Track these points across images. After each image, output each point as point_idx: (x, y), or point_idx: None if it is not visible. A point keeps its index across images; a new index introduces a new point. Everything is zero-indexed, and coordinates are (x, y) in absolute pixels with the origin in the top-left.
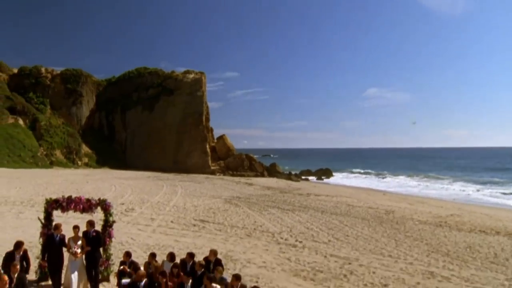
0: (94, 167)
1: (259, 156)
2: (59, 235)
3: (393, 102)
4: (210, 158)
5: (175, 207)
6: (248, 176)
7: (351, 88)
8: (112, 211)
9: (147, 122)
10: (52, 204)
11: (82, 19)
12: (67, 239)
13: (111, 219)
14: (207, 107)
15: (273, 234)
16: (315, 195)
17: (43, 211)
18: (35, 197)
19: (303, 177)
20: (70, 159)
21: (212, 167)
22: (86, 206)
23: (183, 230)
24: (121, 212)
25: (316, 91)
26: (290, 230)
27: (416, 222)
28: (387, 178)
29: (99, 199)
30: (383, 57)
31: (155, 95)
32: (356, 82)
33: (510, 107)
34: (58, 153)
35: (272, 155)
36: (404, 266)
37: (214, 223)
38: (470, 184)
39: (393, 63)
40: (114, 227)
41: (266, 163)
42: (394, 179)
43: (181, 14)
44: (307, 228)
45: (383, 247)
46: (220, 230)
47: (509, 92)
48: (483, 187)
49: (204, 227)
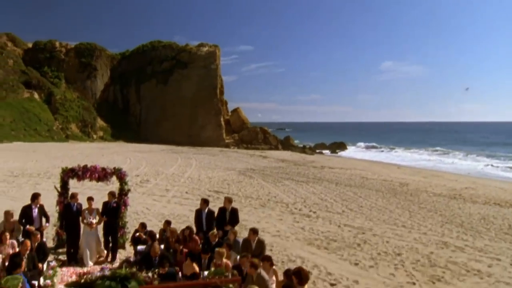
0: (109, 141)
1: (273, 129)
2: (76, 204)
3: (408, 76)
4: (224, 131)
5: (189, 179)
6: (262, 149)
7: (366, 62)
8: (127, 180)
9: (162, 96)
10: (68, 173)
11: None
12: (82, 209)
13: (126, 188)
14: (221, 80)
15: (287, 205)
16: (329, 167)
17: (59, 180)
18: (51, 169)
19: (317, 150)
20: (85, 133)
21: (226, 140)
22: (102, 175)
23: (197, 201)
24: (136, 184)
25: (331, 65)
26: (304, 201)
27: (430, 194)
28: (402, 152)
29: (114, 168)
30: (398, 30)
31: (169, 69)
32: (371, 55)
33: None
34: (73, 126)
35: (286, 129)
36: (418, 236)
37: (228, 194)
38: (484, 158)
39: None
40: (129, 197)
41: (280, 137)
42: (408, 153)
43: None
44: (321, 199)
45: (397, 218)
46: (234, 201)
47: None
48: (497, 161)
49: (218, 198)
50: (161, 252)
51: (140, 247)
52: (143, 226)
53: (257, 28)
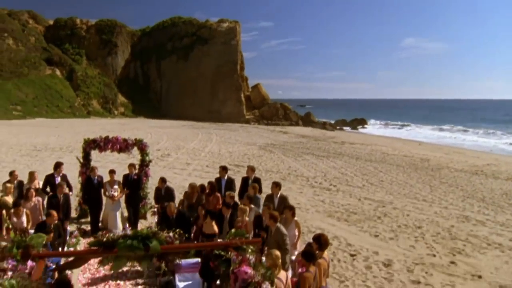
0: (130, 117)
1: (293, 106)
2: (97, 177)
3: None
4: (244, 107)
5: (210, 153)
6: (283, 125)
7: (388, 38)
8: (148, 151)
9: (182, 72)
10: (90, 144)
11: None
12: (104, 182)
13: (147, 159)
14: (242, 56)
15: (307, 179)
16: (350, 143)
17: (82, 151)
18: (73, 143)
19: (338, 127)
20: (107, 109)
21: (246, 116)
22: (123, 145)
23: (218, 174)
24: (157, 157)
25: (352, 41)
26: (324, 175)
27: (452, 170)
28: (422, 129)
29: (136, 139)
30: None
31: (189, 45)
32: (393, 31)
33: None
34: (94, 103)
35: (306, 105)
36: (439, 210)
37: None
38: (506, 135)
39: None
40: (150, 170)
41: (301, 113)
42: (429, 130)
43: None
44: (342, 173)
45: (417, 192)
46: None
47: None
48: None
49: (239, 171)
50: (177, 211)
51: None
52: (163, 180)
53: (277, 4)
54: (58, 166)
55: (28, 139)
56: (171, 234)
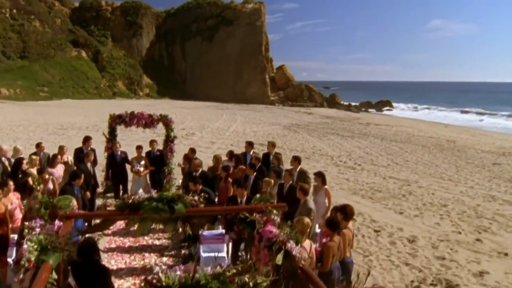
0: (155, 98)
1: (318, 88)
2: (120, 152)
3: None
4: (269, 88)
5: (234, 132)
6: (307, 106)
7: (414, 20)
8: (173, 127)
9: (207, 53)
10: (115, 119)
11: None
12: (131, 159)
13: (172, 134)
14: (267, 37)
15: (332, 157)
16: (375, 124)
17: (107, 127)
18: (99, 122)
19: (363, 108)
20: (132, 90)
21: (271, 98)
22: (148, 121)
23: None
24: (181, 136)
25: (378, 23)
26: (349, 154)
27: (478, 151)
28: (449, 112)
29: (161, 115)
30: None
31: (214, 26)
32: (420, 13)
33: None
34: (120, 84)
35: (331, 87)
36: (465, 190)
37: None
38: None
39: None
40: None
41: (326, 95)
42: (456, 113)
43: None
44: (366, 153)
45: (443, 172)
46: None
47: None
48: None
49: (263, 150)
50: (202, 171)
51: None
52: (193, 151)
53: None
54: (86, 140)
55: (55, 119)
56: (196, 198)
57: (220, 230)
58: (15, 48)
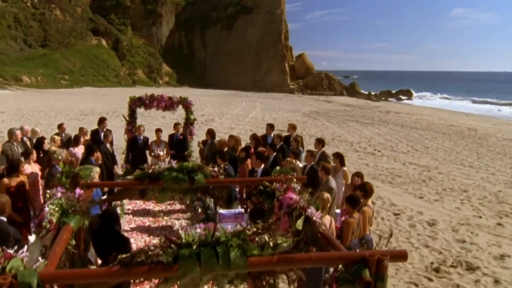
0: (174, 86)
1: (338, 77)
2: (142, 136)
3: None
4: (289, 76)
5: (254, 119)
6: (327, 95)
7: (435, 9)
8: (193, 109)
9: (226, 41)
10: (135, 101)
11: None
12: (150, 142)
13: (192, 117)
14: (286, 25)
15: (351, 144)
16: (395, 112)
17: (128, 109)
18: (119, 109)
19: (383, 97)
20: (152, 78)
21: (290, 86)
22: (168, 103)
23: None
24: (201, 122)
25: (398, 12)
26: (369, 141)
27: (500, 139)
28: (470, 102)
29: (181, 97)
30: None
31: (233, 14)
32: (441, 2)
33: None
34: (140, 72)
35: (351, 76)
36: (486, 176)
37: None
38: None
39: None
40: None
41: (345, 84)
42: (477, 103)
43: None
44: (386, 139)
45: (463, 159)
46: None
47: None
48: None
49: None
50: (227, 150)
51: None
52: (209, 132)
53: None
54: (101, 121)
55: (76, 105)
56: (216, 169)
57: (239, 209)
58: (36, 37)
